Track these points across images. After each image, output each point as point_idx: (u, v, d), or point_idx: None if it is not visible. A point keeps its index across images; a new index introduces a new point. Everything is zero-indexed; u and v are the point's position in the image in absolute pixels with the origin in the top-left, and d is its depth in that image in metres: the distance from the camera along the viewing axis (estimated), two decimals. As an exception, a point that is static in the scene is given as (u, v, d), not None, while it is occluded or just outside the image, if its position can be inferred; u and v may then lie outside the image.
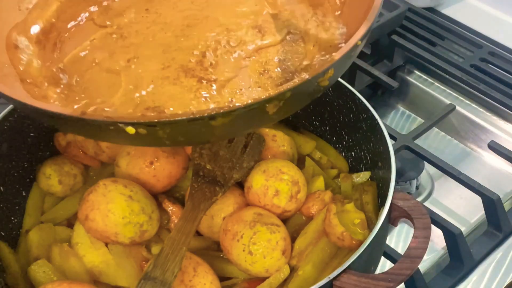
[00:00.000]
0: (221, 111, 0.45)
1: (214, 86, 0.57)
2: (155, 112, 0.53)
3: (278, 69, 0.59)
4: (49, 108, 0.48)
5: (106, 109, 0.54)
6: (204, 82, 0.57)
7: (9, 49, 0.59)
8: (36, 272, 0.68)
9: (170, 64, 0.59)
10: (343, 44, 0.55)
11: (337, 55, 0.50)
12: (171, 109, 0.54)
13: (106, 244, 0.69)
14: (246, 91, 0.57)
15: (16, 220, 0.76)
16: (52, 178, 0.75)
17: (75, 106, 0.55)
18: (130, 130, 0.46)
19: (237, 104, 0.45)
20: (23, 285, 0.69)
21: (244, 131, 0.55)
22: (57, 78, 0.59)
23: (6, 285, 0.69)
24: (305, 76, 0.48)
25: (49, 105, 0.50)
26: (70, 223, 0.75)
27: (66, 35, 0.65)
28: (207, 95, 0.56)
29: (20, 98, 0.49)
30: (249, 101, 0.46)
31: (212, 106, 0.54)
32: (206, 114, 0.45)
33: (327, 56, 0.59)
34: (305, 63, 0.60)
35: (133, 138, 0.47)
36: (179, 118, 0.45)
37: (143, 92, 0.56)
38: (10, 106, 0.74)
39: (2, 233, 0.74)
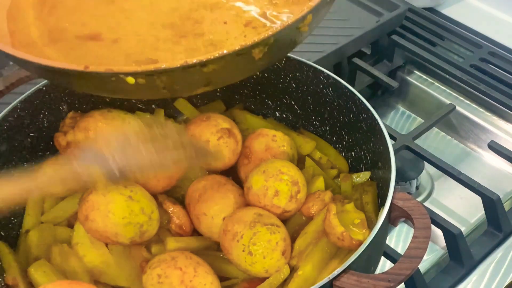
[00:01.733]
0: (211, 57, 0.49)
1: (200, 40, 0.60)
2: (149, 63, 0.56)
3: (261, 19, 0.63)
4: (54, 64, 0.52)
5: None
6: (191, 36, 0.60)
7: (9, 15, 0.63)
8: (36, 272, 0.68)
9: (158, 25, 0.62)
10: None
11: (313, 2, 0.53)
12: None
13: (106, 244, 0.69)
14: (233, 41, 0.60)
15: (16, 220, 0.76)
16: (52, 178, 0.75)
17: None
18: (130, 80, 0.50)
19: (225, 51, 0.49)
20: (23, 285, 0.69)
21: (236, 77, 0.59)
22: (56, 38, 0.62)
23: (6, 285, 0.69)
24: (286, 22, 0.51)
25: (54, 62, 0.53)
26: (70, 223, 0.75)
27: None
28: (195, 47, 0.59)
29: (24, 57, 0.53)
30: (236, 47, 0.50)
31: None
32: (197, 61, 0.49)
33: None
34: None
35: (133, 89, 0.51)
36: (174, 66, 0.49)
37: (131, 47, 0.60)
38: (10, 106, 0.74)
39: (2, 233, 0.74)
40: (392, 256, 0.79)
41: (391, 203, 0.64)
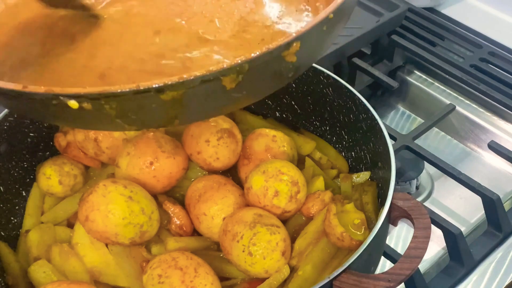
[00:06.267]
0: (169, 82, 0.42)
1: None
2: (107, 78, 0.51)
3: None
4: None
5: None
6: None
7: None
8: (36, 272, 0.68)
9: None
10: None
11: (304, 28, 0.46)
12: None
13: (106, 244, 0.69)
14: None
15: (16, 220, 0.77)
16: (52, 178, 0.75)
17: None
18: (73, 104, 0.43)
19: (184, 76, 0.42)
20: (23, 285, 0.69)
21: (206, 112, 0.50)
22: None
23: (6, 285, 0.70)
24: (265, 48, 0.44)
25: None
26: (70, 223, 0.75)
27: None
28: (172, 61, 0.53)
29: None
30: (202, 72, 0.42)
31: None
32: (153, 86, 0.42)
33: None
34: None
35: (81, 116, 0.44)
36: (123, 90, 0.42)
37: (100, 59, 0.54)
38: (10, 106, 0.74)
39: (2, 233, 0.74)
40: (392, 256, 0.79)
41: (391, 203, 0.64)
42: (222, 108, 0.50)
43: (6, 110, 0.74)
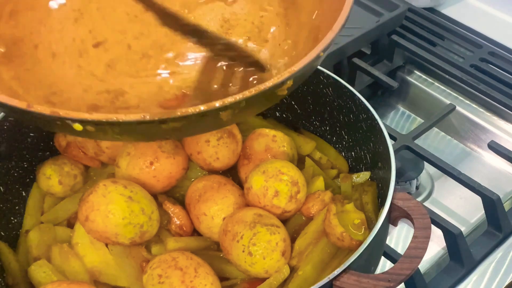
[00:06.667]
0: (172, 116, 0.45)
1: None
2: (114, 94, 0.53)
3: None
4: None
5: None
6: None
7: None
8: (36, 272, 0.68)
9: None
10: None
11: (296, 67, 0.49)
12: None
13: (106, 244, 0.69)
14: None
15: (16, 220, 0.77)
16: (52, 178, 0.75)
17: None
18: (77, 127, 0.45)
19: (189, 110, 0.45)
20: (23, 285, 0.69)
21: (197, 133, 0.57)
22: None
23: (6, 285, 0.70)
24: (262, 86, 0.47)
25: None
26: (70, 223, 0.75)
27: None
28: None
29: None
30: (202, 108, 0.45)
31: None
32: (156, 118, 0.45)
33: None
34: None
35: (84, 133, 0.47)
36: (128, 119, 0.44)
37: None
38: (10, 106, 0.74)
39: (2, 233, 0.74)
40: (392, 256, 0.79)
41: (391, 203, 0.64)
42: (216, 128, 0.58)
43: (6, 110, 0.74)
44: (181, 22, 0.69)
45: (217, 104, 0.46)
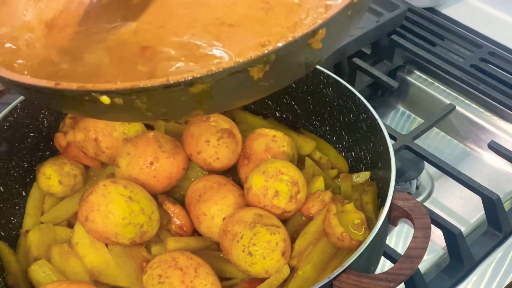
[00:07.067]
0: (198, 75, 0.43)
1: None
2: (150, 51, 0.51)
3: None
4: (22, 79, 0.46)
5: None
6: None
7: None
8: (36, 272, 0.68)
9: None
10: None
11: (328, 14, 0.45)
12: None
13: (106, 244, 0.69)
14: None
15: (16, 220, 0.77)
16: (52, 178, 0.75)
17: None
18: (105, 100, 0.44)
19: (213, 68, 0.43)
20: (23, 285, 0.69)
21: (233, 102, 0.51)
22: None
23: (6, 285, 0.69)
24: (292, 36, 0.44)
25: (22, 77, 0.47)
26: (70, 223, 0.75)
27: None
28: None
29: None
30: (230, 64, 0.43)
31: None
32: (182, 80, 0.43)
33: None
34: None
35: (112, 110, 0.45)
36: (154, 84, 0.43)
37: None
38: (10, 106, 0.74)
39: (2, 233, 0.74)
40: (392, 256, 0.79)
41: (391, 203, 0.64)
42: (249, 97, 0.51)
43: (6, 110, 0.74)
44: None
45: (244, 59, 0.43)
